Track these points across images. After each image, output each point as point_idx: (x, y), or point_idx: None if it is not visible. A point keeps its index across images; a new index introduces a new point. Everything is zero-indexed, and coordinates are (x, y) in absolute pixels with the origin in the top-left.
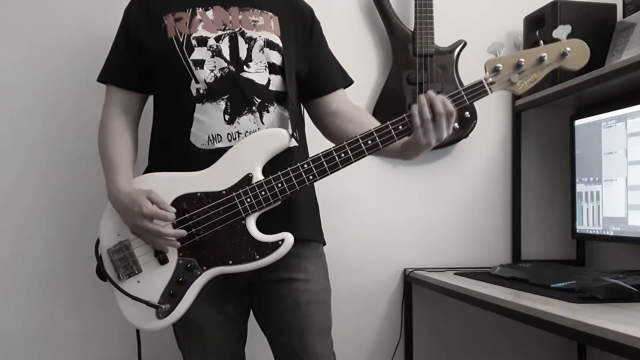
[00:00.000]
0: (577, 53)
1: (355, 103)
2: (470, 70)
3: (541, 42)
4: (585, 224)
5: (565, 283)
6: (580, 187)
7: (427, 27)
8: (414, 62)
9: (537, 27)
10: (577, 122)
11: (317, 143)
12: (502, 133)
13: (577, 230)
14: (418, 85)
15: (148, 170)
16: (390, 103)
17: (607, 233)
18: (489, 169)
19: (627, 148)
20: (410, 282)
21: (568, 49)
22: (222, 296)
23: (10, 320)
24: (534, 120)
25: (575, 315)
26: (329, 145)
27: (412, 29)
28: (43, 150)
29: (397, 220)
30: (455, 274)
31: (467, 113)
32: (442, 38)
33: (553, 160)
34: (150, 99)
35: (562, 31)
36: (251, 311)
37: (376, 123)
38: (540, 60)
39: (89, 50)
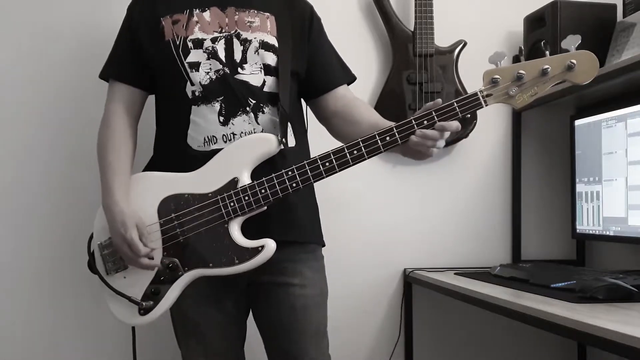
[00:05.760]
0: (585, 66)
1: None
2: (470, 70)
3: (547, 52)
4: (585, 224)
5: (565, 283)
6: (580, 187)
7: (427, 27)
8: (414, 62)
9: (537, 27)
10: (577, 122)
11: (321, 143)
12: (502, 133)
13: (577, 230)
14: (418, 85)
15: (149, 168)
16: (390, 103)
17: (607, 233)
18: (489, 169)
19: (627, 148)
20: (410, 282)
21: (574, 61)
22: (222, 295)
23: (8, 319)
24: (534, 120)
25: (575, 315)
26: (332, 145)
27: (412, 29)
28: (41, 149)
29: (397, 220)
30: (455, 274)
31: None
32: (442, 38)
33: (553, 160)
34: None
35: (571, 41)
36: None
37: (376, 116)
38: (543, 72)
39: (87, 49)
